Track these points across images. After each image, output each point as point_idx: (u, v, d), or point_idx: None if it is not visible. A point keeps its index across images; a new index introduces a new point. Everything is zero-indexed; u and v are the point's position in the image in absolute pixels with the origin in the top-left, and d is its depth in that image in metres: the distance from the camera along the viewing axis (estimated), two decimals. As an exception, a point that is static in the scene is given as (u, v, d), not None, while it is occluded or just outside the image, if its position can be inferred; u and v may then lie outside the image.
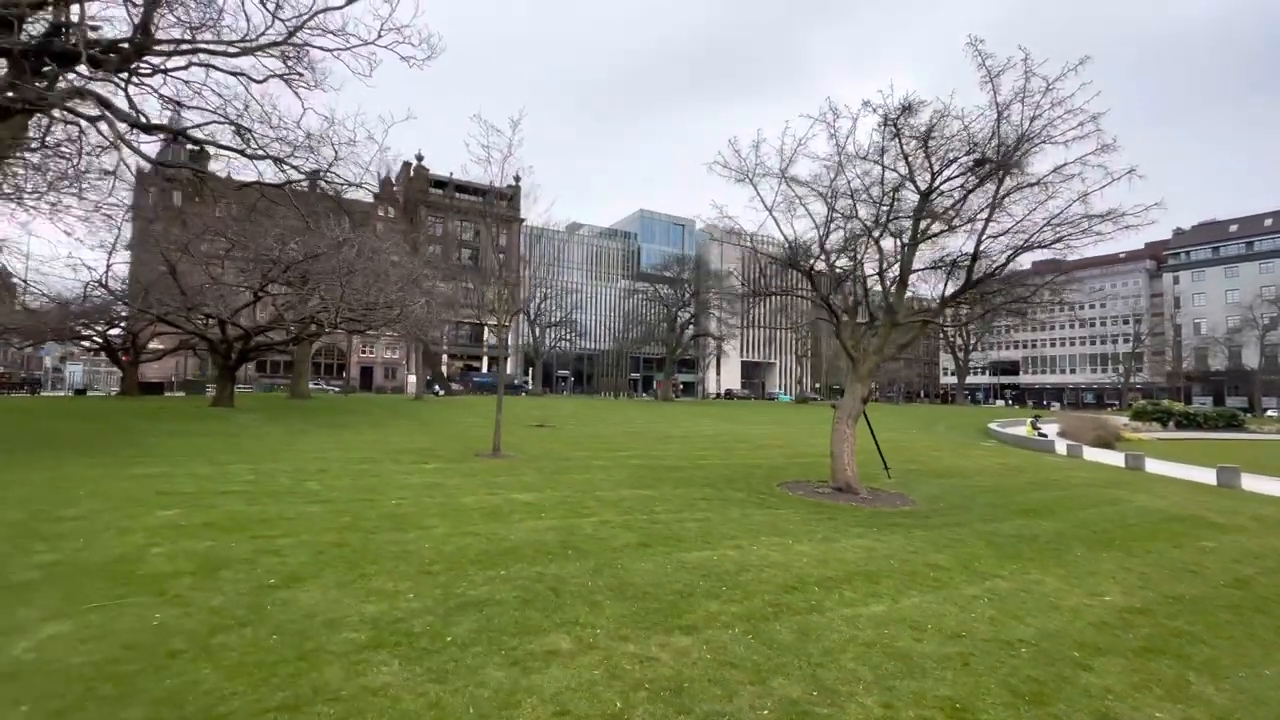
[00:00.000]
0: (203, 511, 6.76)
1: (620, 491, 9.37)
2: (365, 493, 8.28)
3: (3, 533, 5.61)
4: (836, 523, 8.02)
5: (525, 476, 10.37)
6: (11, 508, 6.51)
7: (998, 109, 9.84)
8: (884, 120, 10.43)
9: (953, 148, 10.30)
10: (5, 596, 4.18)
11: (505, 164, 13.12)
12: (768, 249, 11.70)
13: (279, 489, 8.24)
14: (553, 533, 6.61)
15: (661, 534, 6.81)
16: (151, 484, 8.15)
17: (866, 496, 10.00)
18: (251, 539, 5.80)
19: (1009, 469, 15.49)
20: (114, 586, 4.46)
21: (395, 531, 6.36)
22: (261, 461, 10.53)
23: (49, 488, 7.65)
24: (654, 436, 19.97)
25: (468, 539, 6.19)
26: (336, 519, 6.75)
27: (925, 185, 10.62)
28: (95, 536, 5.63)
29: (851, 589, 5.37)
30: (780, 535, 7.07)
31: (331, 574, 4.96)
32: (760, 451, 16.55)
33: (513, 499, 8.31)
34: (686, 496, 9.24)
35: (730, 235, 11.06)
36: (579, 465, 12.10)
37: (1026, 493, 11.81)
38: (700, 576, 5.40)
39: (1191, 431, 42.53)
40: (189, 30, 12.90)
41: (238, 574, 4.84)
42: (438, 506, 7.63)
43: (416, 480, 9.50)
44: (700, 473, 11.94)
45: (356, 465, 10.71)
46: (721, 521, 7.62)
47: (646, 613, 4.53)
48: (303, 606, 4.29)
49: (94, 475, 8.58)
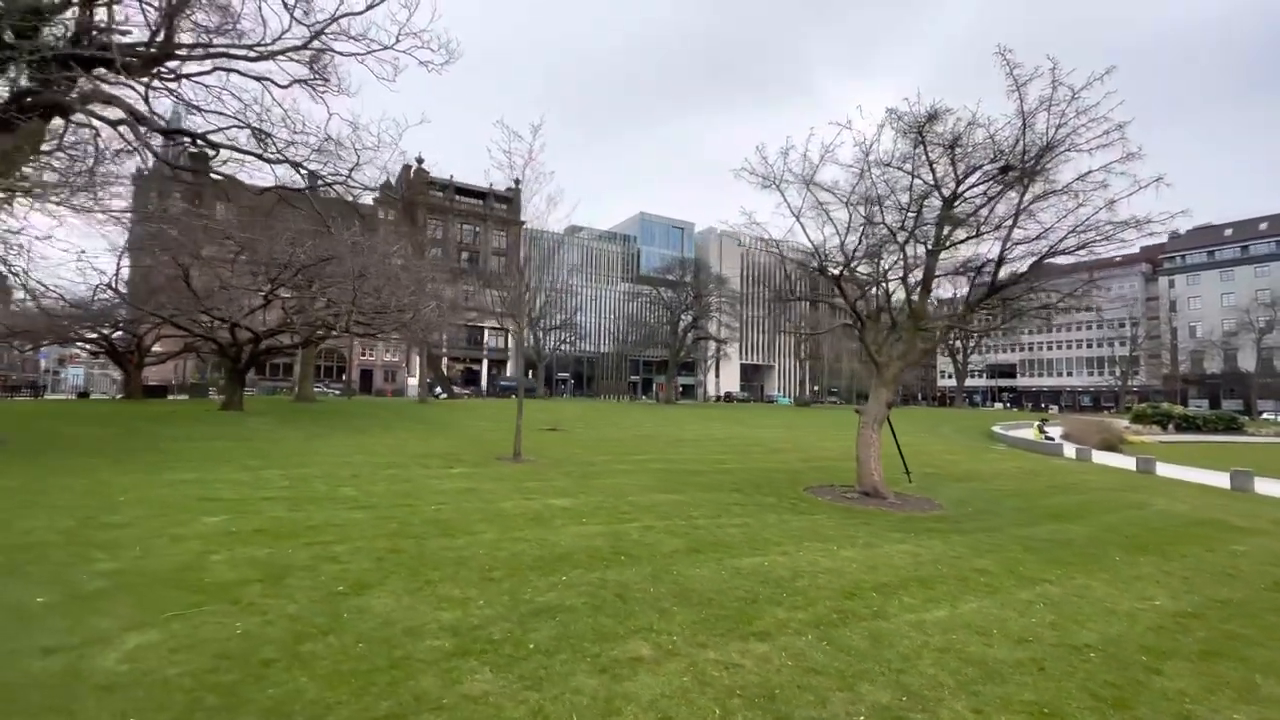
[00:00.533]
0: (249, 518, 6.75)
1: (652, 496, 9.40)
2: (403, 498, 8.29)
3: (59, 541, 5.60)
4: (873, 528, 8.07)
5: (555, 482, 10.39)
6: (60, 515, 6.49)
7: (1023, 117, 9.95)
8: (909, 128, 10.54)
9: (978, 155, 10.40)
10: (80, 607, 4.18)
11: (526, 169, 13.15)
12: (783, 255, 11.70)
13: (317, 495, 8.24)
14: (600, 538, 6.63)
15: (707, 540, 6.84)
16: (189, 490, 8.13)
17: (895, 501, 10.05)
18: (307, 546, 5.81)
19: (1025, 473, 15.59)
20: (186, 595, 4.46)
21: (445, 537, 6.37)
22: (290, 467, 10.51)
23: (89, 494, 7.63)
24: (666, 440, 20.00)
25: (520, 545, 6.21)
26: (383, 525, 6.76)
27: (950, 192, 10.72)
28: (150, 544, 5.62)
29: (909, 595, 5.41)
30: (823, 541, 7.12)
31: (397, 581, 4.97)
32: (776, 456, 16.60)
33: (550, 504, 8.33)
34: (719, 501, 9.27)
35: (759, 241, 11.09)
36: (603, 470, 12.12)
37: (1049, 497, 11.89)
38: (758, 583, 5.44)
39: (1191, 434, 42.81)
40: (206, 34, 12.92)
41: (304, 581, 4.85)
42: (479, 512, 7.65)
43: (449, 485, 9.50)
44: (724, 477, 11.97)
45: (385, 470, 10.70)
46: (761, 527, 7.66)
47: (716, 619, 4.56)
48: (378, 614, 4.30)
49: (129, 482, 8.55)
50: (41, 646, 3.58)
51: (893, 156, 10.73)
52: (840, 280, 10.61)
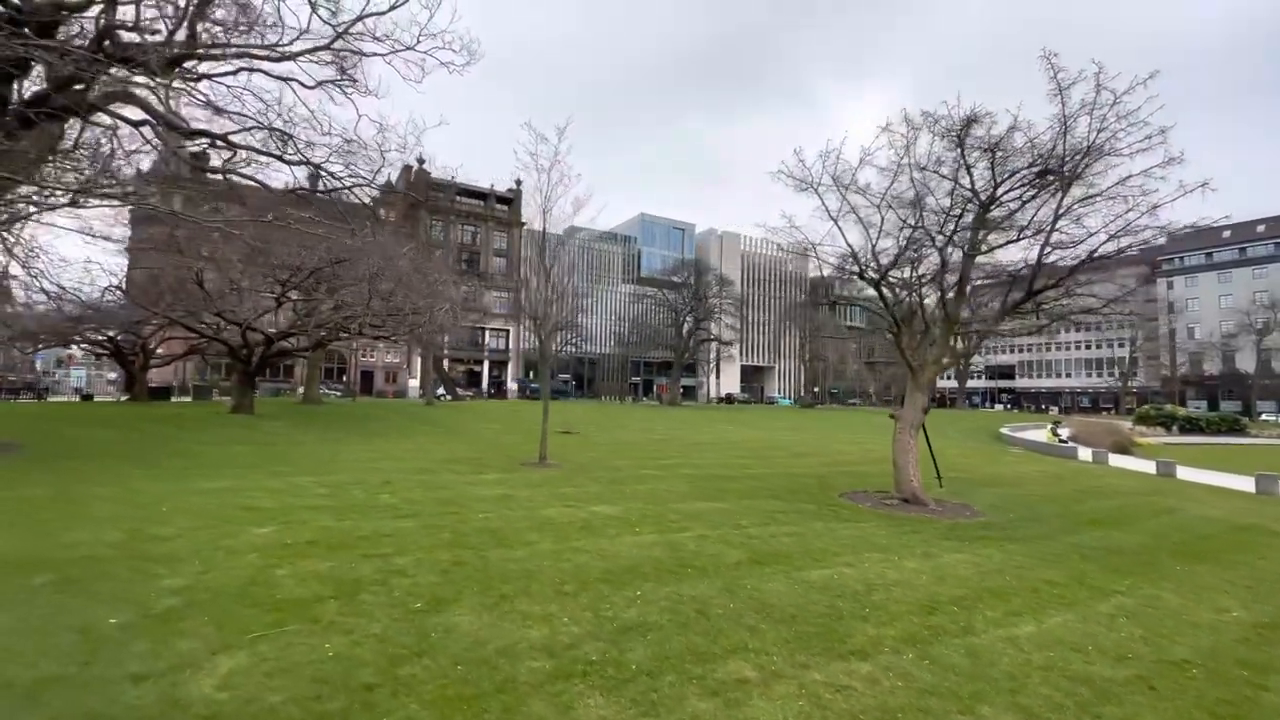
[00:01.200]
0: (298, 529, 6.60)
1: (693, 504, 9.27)
2: (446, 506, 8.14)
3: (113, 555, 5.44)
4: (923, 536, 7.97)
5: (589, 488, 10.25)
6: (104, 527, 6.33)
7: (1064, 121, 9.87)
8: (947, 131, 10.46)
9: (1018, 159, 10.32)
10: (158, 628, 4.03)
11: (552, 170, 13.02)
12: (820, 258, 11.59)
13: (357, 503, 8.09)
14: (659, 549, 6.51)
15: (765, 551, 6.72)
16: (227, 499, 7.97)
17: (935, 508, 9.96)
18: (367, 558, 5.67)
19: (1050, 477, 15.53)
20: (262, 613, 4.32)
21: (503, 548, 6.24)
22: (320, 473, 10.35)
23: (126, 503, 7.46)
24: (683, 444, 19.87)
25: (580, 556, 6.08)
26: (436, 534, 6.62)
27: (987, 196, 10.64)
28: (209, 558, 5.47)
29: (988, 608, 5.31)
30: (881, 551, 7.01)
31: (471, 596, 4.84)
32: (799, 460, 16.50)
33: (595, 512, 8.20)
34: (761, 509, 9.15)
35: (796, 246, 11.01)
36: (632, 476, 11.99)
37: (1081, 502, 11.82)
38: (834, 597, 5.32)
39: (1195, 436, 42.94)
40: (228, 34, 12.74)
41: (379, 597, 4.71)
42: (526, 520, 7.51)
43: (486, 492, 9.36)
44: (755, 483, 11.86)
45: (416, 476, 10.55)
46: (814, 537, 7.54)
47: (806, 637, 4.44)
48: (466, 633, 4.17)
49: (163, 490, 8.38)
50: (130, 673, 3.43)
51: (929, 159, 10.65)
52: (880, 285, 10.52)
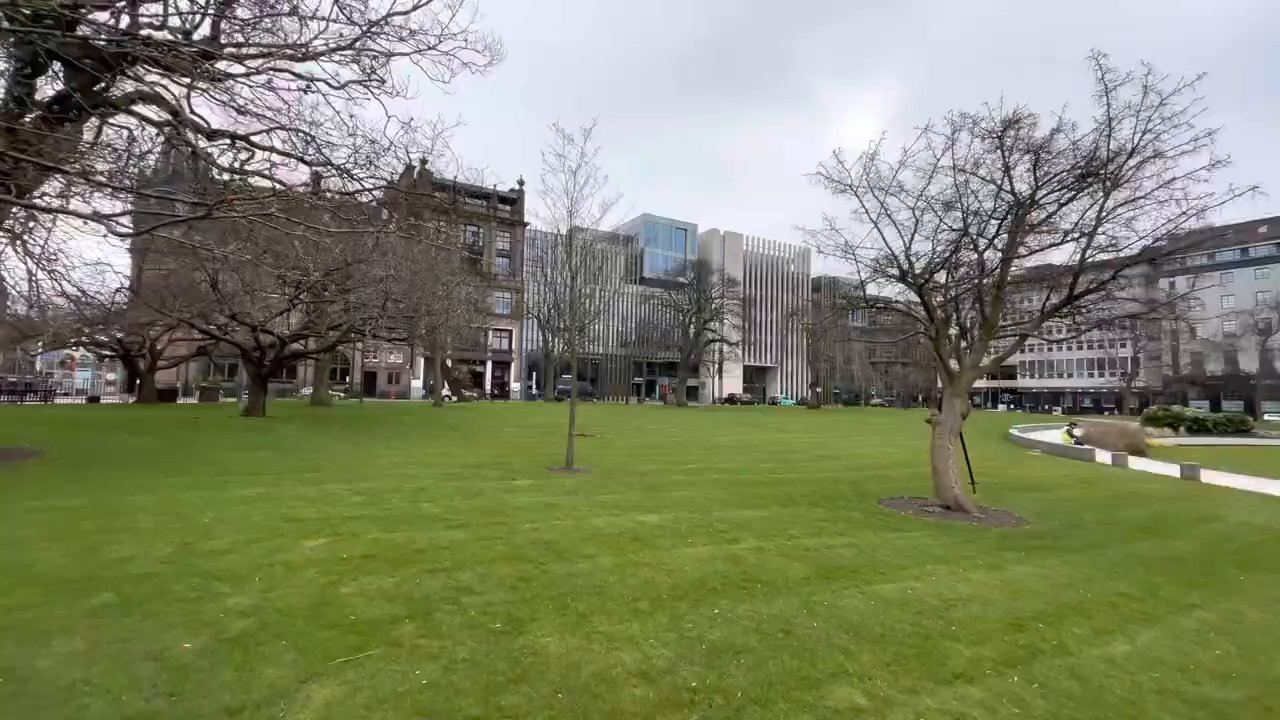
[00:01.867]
0: (349, 541, 6.43)
1: (735, 512, 9.11)
2: (489, 515, 7.97)
3: (168, 572, 5.27)
4: (978, 547, 7.82)
5: (627, 495, 10.09)
6: (154, 541, 6.15)
7: (1109, 123, 9.74)
8: (987, 133, 10.32)
9: (1060, 161, 10.18)
10: (240, 654, 3.85)
11: (579, 170, 12.86)
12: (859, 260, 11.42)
13: (401, 513, 7.91)
14: (719, 562, 6.34)
15: (828, 564, 6.56)
16: (266, 508, 7.79)
17: (980, 515, 9.80)
18: (429, 573, 5.49)
19: (1079, 480, 15.40)
20: (340, 636, 4.15)
21: (562, 561, 6.07)
22: (351, 480, 10.17)
23: (169, 514, 7.28)
24: (701, 447, 19.71)
25: (643, 570, 5.91)
26: (490, 547, 6.45)
27: (1027, 198, 10.50)
28: (268, 574, 5.30)
29: (1074, 625, 5.15)
30: (944, 563, 6.85)
31: (548, 616, 4.67)
32: (823, 464, 16.35)
33: (642, 522, 8.03)
34: (806, 518, 8.99)
35: (838, 250, 10.86)
36: (663, 482, 11.82)
37: (1120, 508, 11.68)
38: (915, 614, 5.16)
39: (1203, 437, 42.84)
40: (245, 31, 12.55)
41: (454, 618, 4.54)
42: (576, 531, 7.34)
43: (525, 500, 9.19)
44: (789, 489, 11.70)
45: (449, 483, 10.37)
46: (870, 548, 7.39)
47: (903, 659, 4.28)
48: (555, 656, 4.00)
49: (201, 499, 8.21)
50: (224, 706, 3.26)
51: (966, 161, 10.50)
52: (924, 288, 10.37)
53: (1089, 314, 11.02)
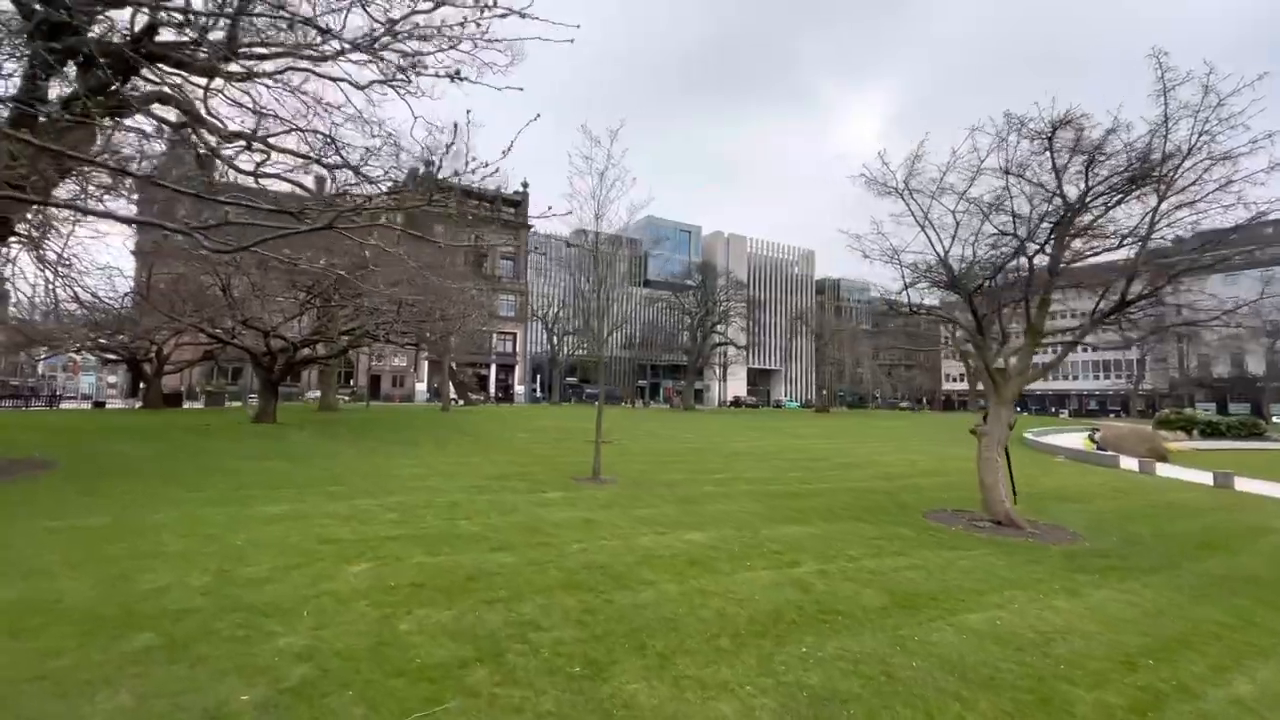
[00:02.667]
0: (394, 567, 6.05)
1: (781, 529, 8.74)
2: (531, 534, 7.60)
3: (208, 606, 4.89)
4: (1046, 567, 7.45)
5: (663, 509, 9.72)
6: (186, 568, 5.77)
7: (1166, 123, 9.39)
8: (1036, 134, 9.98)
9: (1112, 163, 9.83)
10: (305, 708, 3.48)
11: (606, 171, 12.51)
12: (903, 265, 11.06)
13: (439, 532, 7.53)
14: (787, 589, 5.97)
15: (899, 589, 6.19)
16: (297, 527, 7.42)
17: (1033, 531, 9.44)
18: (487, 605, 5.12)
19: (1114, 490, 15.04)
20: (410, 685, 3.77)
21: (623, 589, 5.70)
22: (379, 495, 9.79)
23: (196, 536, 6.90)
24: (719, 454, 19.34)
25: (712, 600, 5.54)
26: (543, 572, 6.08)
27: (1077, 201, 10.15)
28: (317, 607, 4.92)
29: (1187, 661, 4.79)
30: (1020, 588, 6.48)
31: (626, 657, 4.30)
32: (849, 473, 15.97)
33: (690, 541, 7.66)
34: (858, 535, 8.62)
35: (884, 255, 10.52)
36: (695, 494, 11.44)
37: (1169, 521, 11.33)
38: (1015, 650, 4.79)
39: (1216, 440, 42.58)
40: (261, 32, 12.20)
41: (527, 660, 4.17)
42: (627, 553, 6.97)
43: (561, 515, 8.81)
44: (824, 500, 11.33)
45: (479, 496, 10.00)
46: (936, 570, 7.02)
47: (1025, 707, 3.91)
48: (648, 708, 3.63)
49: (226, 517, 7.83)
50: (300, 775, 2.89)
51: (1010, 163, 10.15)
52: (973, 296, 10.01)
53: (1142, 321, 10.64)
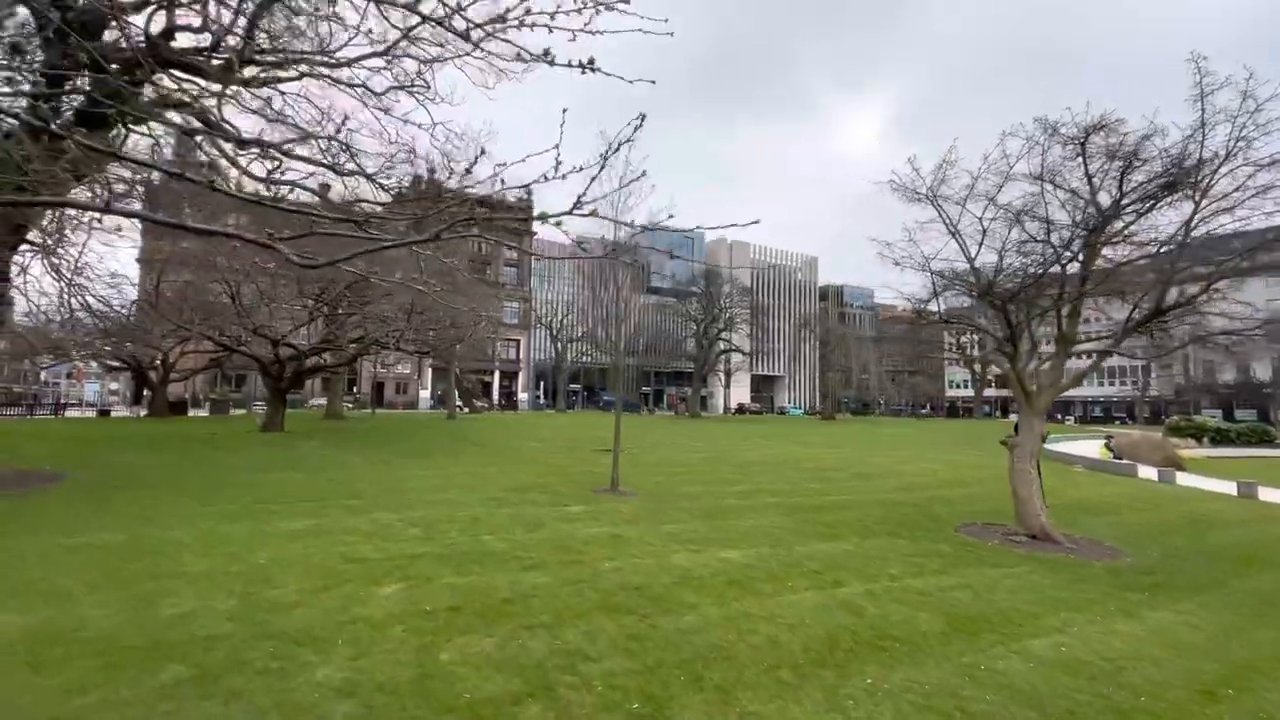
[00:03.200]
0: (425, 588, 5.81)
1: (815, 546, 8.49)
2: (561, 551, 7.35)
3: (237, 632, 4.65)
4: (1095, 587, 7.20)
5: (689, 524, 9.47)
6: (210, 590, 5.54)
7: (1203, 128, 9.20)
8: (1068, 139, 9.80)
9: (1147, 168, 9.65)
10: (351, 747, 3.25)
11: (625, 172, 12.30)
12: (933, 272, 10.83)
13: (466, 549, 7.29)
14: (837, 613, 5.72)
15: (951, 612, 5.94)
16: (319, 545, 7.18)
17: (1069, 545, 9.18)
18: (528, 630, 4.88)
19: (1139, 500, 14.78)
20: (463, 723, 3.53)
21: (667, 614, 5.45)
22: (398, 508, 9.55)
23: (217, 554, 6.67)
24: (732, 463, 19.08)
25: (761, 625, 5.29)
26: (579, 593, 5.84)
27: (1109, 207, 9.95)
28: (352, 635, 4.68)
29: (1265, 690, 4.56)
30: (1074, 609, 6.24)
31: (685, 692, 4.06)
32: (869, 484, 15.70)
33: (726, 560, 7.41)
34: (895, 552, 8.37)
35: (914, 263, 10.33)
36: (717, 507, 11.19)
37: (1202, 533, 11.07)
38: (1088, 681, 4.55)
39: (1227, 448, 42.19)
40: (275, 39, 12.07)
41: (581, 695, 3.93)
42: (663, 572, 6.72)
43: (588, 531, 8.57)
44: (851, 514, 11.08)
45: (500, 510, 9.75)
46: (984, 589, 6.77)
47: (1115, 747, 3.67)
48: (721, 752, 3.39)
49: (245, 533, 7.60)
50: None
51: (1043, 169, 9.96)
52: (1007, 305, 9.80)
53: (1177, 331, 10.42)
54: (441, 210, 10.65)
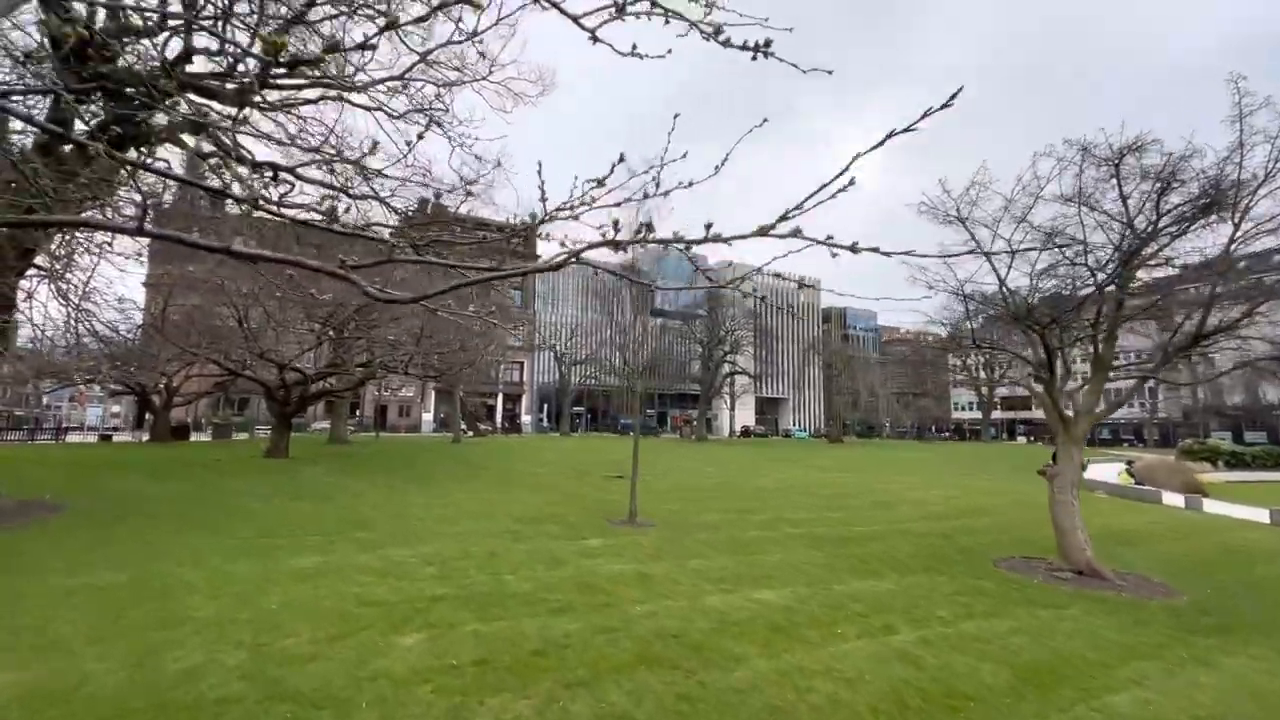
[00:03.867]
0: (448, 637, 5.40)
1: (855, 584, 8.06)
2: (587, 592, 6.93)
3: (256, 694, 4.25)
4: (1156, 630, 6.76)
5: (716, 559, 9.04)
6: (219, 640, 5.13)
7: (1241, 149, 8.98)
8: (1102, 160, 9.59)
9: (1184, 190, 9.41)
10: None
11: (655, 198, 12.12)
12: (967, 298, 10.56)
13: (486, 589, 6.88)
14: (895, 665, 5.30)
15: (1014, 661, 5.51)
16: (334, 586, 6.77)
17: (1120, 583, 8.73)
18: (566, 689, 4.47)
19: (1171, 530, 14.29)
20: (508, 809, 3.13)
21: (713, 669, 5.03)
22: (410, 543, 9.14)
23: (225, 596, 6.27)
24: (744, 490, 18.65)
25: (818, 682, 4.87)
26: (615, 643, 5.42)
27: (1144, 230, 9.70)
28: (374, 693, 4.28)
29: (1389, 763, 4.12)
30: (1144, 658, 5.80)
31: (750, 764, 3.65)
32: (891, 512, 15.24)
33: (763, 601, 6.98)
34: (937, 591, 7.93)
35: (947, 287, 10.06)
36: (739, 539, 10.75)
37: (1246, 566, 10.63)
38: (1187, 747, 4.13)
39: (1242, 471, 41.52)
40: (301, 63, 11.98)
41: (636, 771, 3.53)
42: (698, 614, 6.31)
43: (612, 568, 8.14)
44: (883, 547, 10.63)
45: (518, 545, 9.33)
46: (1041, 634, 6.34)
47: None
48: (803, 846, 2.98)
49: (253, 572, 7.19)
50: None
51: (1076, 191, 9.73)
52: (1045, 330, 9.49)
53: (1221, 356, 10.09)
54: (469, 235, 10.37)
